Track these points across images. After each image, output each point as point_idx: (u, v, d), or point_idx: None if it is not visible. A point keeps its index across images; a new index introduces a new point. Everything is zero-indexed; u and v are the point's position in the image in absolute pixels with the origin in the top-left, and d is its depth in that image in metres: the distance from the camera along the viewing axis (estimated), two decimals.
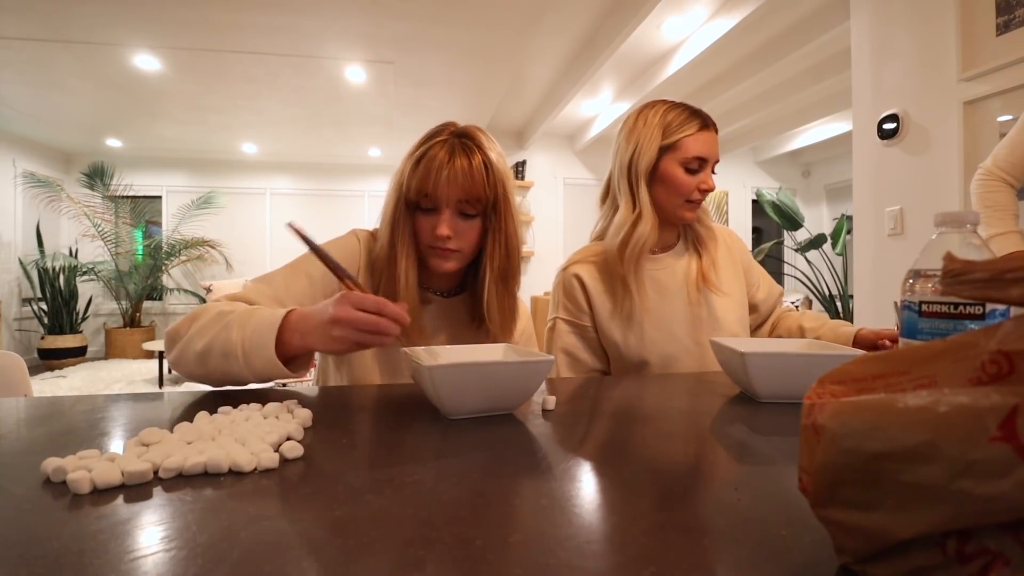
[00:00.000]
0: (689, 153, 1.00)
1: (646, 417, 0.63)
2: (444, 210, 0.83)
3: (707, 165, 1.03)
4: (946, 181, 1.89)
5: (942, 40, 1.87)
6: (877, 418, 0.23)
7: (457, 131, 0.86)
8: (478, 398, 0.59)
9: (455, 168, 0.81)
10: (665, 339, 1.05)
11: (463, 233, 0.84)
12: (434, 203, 0.83)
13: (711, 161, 1.03)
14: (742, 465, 0.47)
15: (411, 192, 0.83)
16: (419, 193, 0.83)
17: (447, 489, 0.39)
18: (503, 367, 0.60)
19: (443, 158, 0.81)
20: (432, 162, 0.81)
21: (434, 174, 0.81)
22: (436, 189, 0.81)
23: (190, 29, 3.20)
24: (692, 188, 1.01)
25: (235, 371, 0.69)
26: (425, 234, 0.85)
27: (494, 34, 3.31)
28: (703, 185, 1.01)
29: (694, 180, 1.01)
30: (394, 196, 0.86)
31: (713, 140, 1.03)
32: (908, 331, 0.51)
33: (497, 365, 0.60)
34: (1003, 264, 0.24)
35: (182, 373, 0.74)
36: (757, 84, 4.09)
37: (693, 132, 1.00)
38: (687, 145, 1.00)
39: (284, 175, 6.60)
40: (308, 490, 0.39)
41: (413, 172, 0.83)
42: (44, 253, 5.47)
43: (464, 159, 0.82)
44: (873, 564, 0.25)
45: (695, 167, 1.01)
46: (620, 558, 0.29)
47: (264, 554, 0.29)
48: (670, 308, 1.07)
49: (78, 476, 0.38)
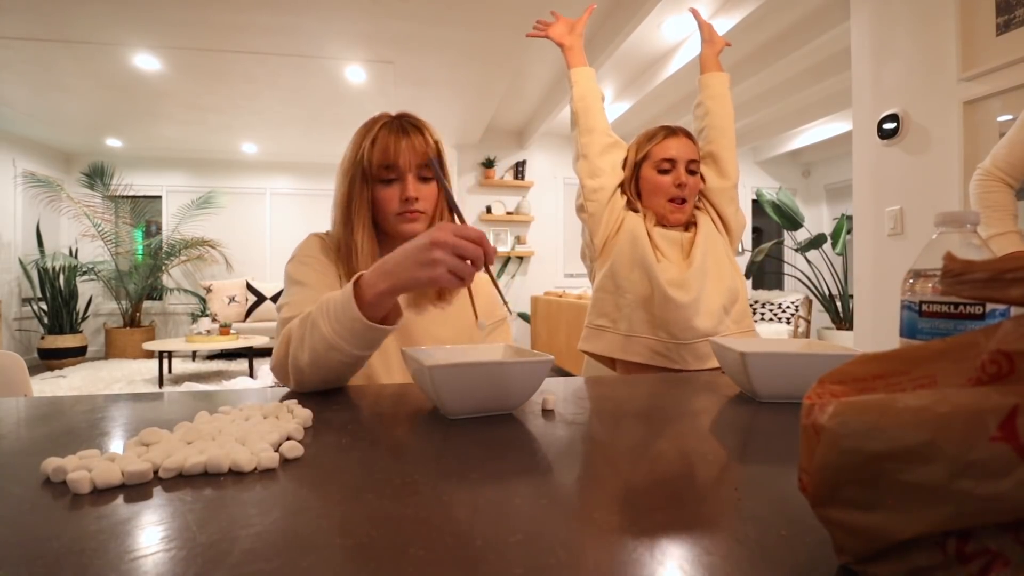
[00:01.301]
0: (657, 156, 1.23)
1: (646, 417, 0.63)
2: (407, 176, 0.93)
3: (678, 164, 1.22)
4: (946, 181, 1.89)
5: (942, 40, 1.87)
6: (877, 418, 0.23)
7: (396, 115, 0.98)
8: (478, 398, 0.59)
9: (411, 139, 0.93)
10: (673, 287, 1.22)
11: (426, 196, 0.95)
12: (397, 173, 0.93)
13: (681, 160, 1.22)
14: (742, 465, 0.47)
15: (373, 167, 0.92)
16: (380, 166, 0.92)
17: (447, 489, 0.39)
18: (504, 367, 0.60)
19: (398, 133, 0.93)
20: (388, 137, 0.93)
21: (393, 145, 0.92)
22: (398, 158, 0.92)
23: (190, 29, 3.20)
24: (669, 185, 1.22)
25: (348, 357, 0.72)
26: (392, 203, 0.94)
27: (494, 34, 3.31)
28: (678, 181, 1.21)
29: (669, 179, 1.22)
30: (348, 176, 0.95)
31: (680, 143, 1.23)
32: (908, 331, 0.51)
33: (498, 365, 0.60)
34: (1003, 264, 0.24)
35: (312, 388, 0.76)
36: (757, 84, 4.09)
37: (659, 141, 1.23)
38: (655, 153, 1.24)
39: (284, 175, 6.60)
40: (308, 490, 0.39)
41: (372, 148, 0.92)
42: (44, 253, 5.47)
43: (416, 132, 0.95)
44: (873, 564, 0.25)
45: (667, 167, 1.22)
46: (620, 558, 0.29)
47: (264, 554, 0.29)
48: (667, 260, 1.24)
49: (78, 476, 0.38)
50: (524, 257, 6.07)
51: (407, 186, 0.93)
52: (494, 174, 5.91)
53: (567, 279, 6.22)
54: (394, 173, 0.93)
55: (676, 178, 1.21)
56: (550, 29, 1.38)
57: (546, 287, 6.09)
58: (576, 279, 6.21)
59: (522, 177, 5.98)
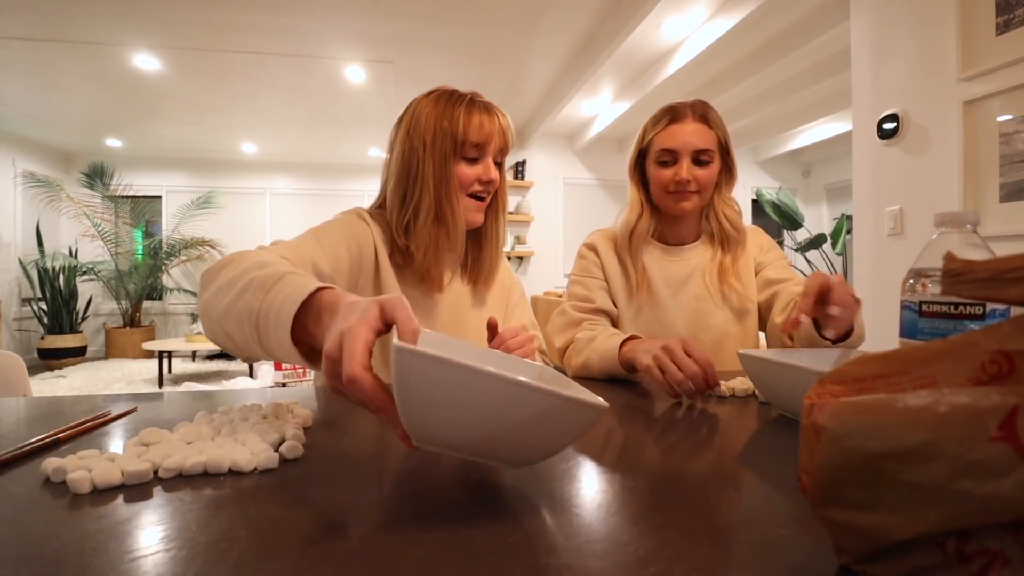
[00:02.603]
0: (656, 148, 1.07)
1: (646, 418, 0.63)
2: (488, 158, 0.90)
3: (681, 156, 1.05)
4: (946, 181, 1.88)
5: (942, 40, 1.87)
6: (877, 418, 0.23)
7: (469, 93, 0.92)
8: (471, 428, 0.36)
9: (500, 122, 0.91)
10: (657, 326, 1.10)
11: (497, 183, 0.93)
12: (481, 152, 0.90)
13: (684, 152, 1.05)
14: (742, 465, 0.47)
15: (468, 141, 0.87)
16: (472, 143, 0.88)
17: (447, 489, 0.39)
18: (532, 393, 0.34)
19: (487, 112, 0.89)
20: (482, 114, 0.88)
21: (487, 124, 0.88)
22: (489, 138, 0.89)
23: (190, 29, 3.20)
24: (667, 181, 1.07)
25: (249, 343, 0.55)
26: (469, 180, 0.89)
27: (494, 34, 3.31)
28: (677, 176, 1.05)
29: (668, 172, 1.06)
30: (436, 147, 0.87)
31: (683, 131, 1.05)
32: (908, 331, 0.51)
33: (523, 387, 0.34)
34: (1003, 264, 0.24)
35: (206, 331, 0.61)
36: (757, 84, 4.09)
37: (661, 128, 1.07)
38: (655, 142, 1.08)
39: (284, 175, 6.59)
40: (308, 490, 0.39)
41: (468, 119, 0.87)
42: (44, 253, 5.47)
43: (501, 115, 0.92)
44: (873, 564, 0.25)
45: (667, 159, 1.07)
46: (620, 558, 0.29)
47: (264, 554, 0.29)
48: (674, 298, 1.11)
49: (78, 476, 0.38)
50: (524, 257, 6.07)
51: (489, 167, 0.90)
52: None
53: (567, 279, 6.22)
54: (479, 152, 0.90)
55: (676, 173, 1.05)
56: None
57: (546, 287, 6.09)
58: None
59: (522, 177, 5.98)
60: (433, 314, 0.94)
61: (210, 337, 0.61)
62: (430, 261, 0.90)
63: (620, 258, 1.14)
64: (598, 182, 6.32)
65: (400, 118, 0.93)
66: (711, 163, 1.07)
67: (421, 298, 0.93)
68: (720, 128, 1.08)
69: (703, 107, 1.08)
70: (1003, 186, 1.71)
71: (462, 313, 0.98)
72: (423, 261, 0.90)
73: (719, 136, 1.07)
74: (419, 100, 0.91)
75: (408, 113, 0.91)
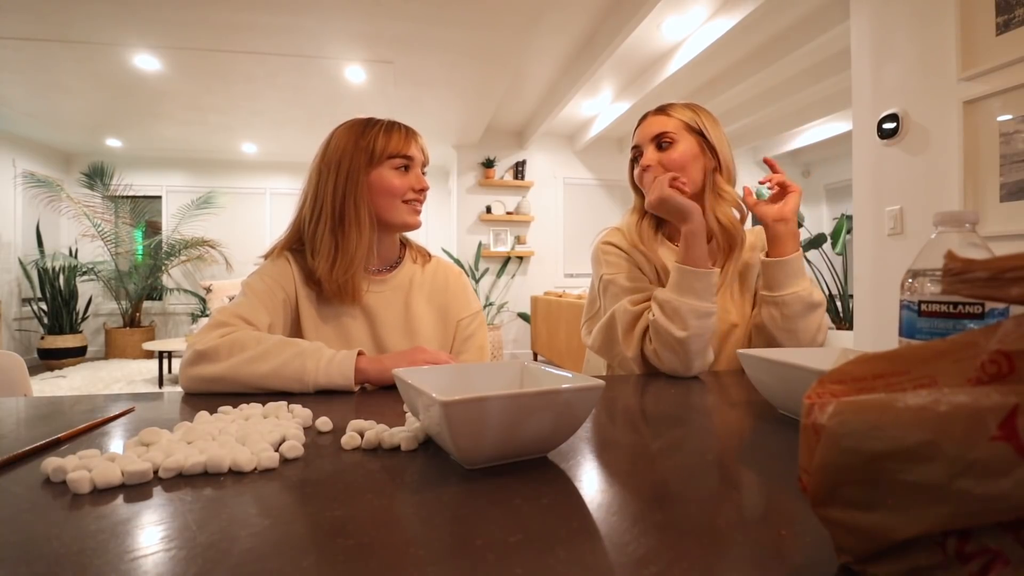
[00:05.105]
0: (632, 145, 1.12)
1: (646, 417, 0.63)
2: (417, 169, 0.98)
3: (644, 147, 1.09)
4: (946, 181, 1.88)
5: (942, 40, 1.87)
6: (877, 418, 0.23)
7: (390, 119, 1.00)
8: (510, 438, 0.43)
9: (420, 139, 1.00)
10: None
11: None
12: (408, 162, 0.97)
13: (644, 142, 1.08)
14: (743, 465, 0.47)
15: (387, 151, 0.94)
16: (395, 154, 0.95)
17: (447, 489, 0.39)
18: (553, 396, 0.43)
19: (405, 129, 0.98)
20: (401, 131, 0.97)
21: (408, 139, 0.97)
22: (413, 151, 0.97)
23: (190, 29, 3.20)
24: (639, 173, 1.09)
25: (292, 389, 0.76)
26: (402, 189, 0.96)
27: (494, 34, 3.31)
28: (644, 165, 1.07)
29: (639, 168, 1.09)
30: (341, 168, 0.93)
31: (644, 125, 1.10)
32: (908, 331, 0.51)
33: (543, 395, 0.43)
34: (1003, 263, 0.24)
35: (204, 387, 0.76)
36: (757, 84, 4.09)
37: (636, 129, 1.12)
38: (634, 141, 1.12)
39: (284, 175, 6.60)
40: (308, 490, 0.39)
41: (384, 137, 0.94)
42: (44, 253, 5.46)
43: (418, 135, 1.00)
44: (873, 564, 0.25)
45: (636, 156, 1.11)
46: (620, 558, 0.29)
47: (264, 554, 0.29)
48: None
49: (78, 476, 0.38)
50: (524, 257, 6.07)
51: (421, 179, 0.97)
52: (494, 174, 5.91)
53: (567, 279, 6.22)
54: (405, 162, 0.96)
55: (643, 163, 1.07)
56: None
57: (546, 287, 6.09)
58: (576, 279, 6.21)
59: (522, 177, 5.98)
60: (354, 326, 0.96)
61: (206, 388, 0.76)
62: (338, 272, 0.91)
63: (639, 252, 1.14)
64: (598, 182, 6.32)
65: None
66: (674, 143, 1.05)
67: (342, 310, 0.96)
68: (683, 114, 1.08)
69: (668, 105, 1.11)
70: (1003, 186, 1.71)
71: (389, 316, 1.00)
72: (329, 273, 0.91)
73: (682, 120, 1.07)
74: (334, 130, 0.98)
75: (323, 144, 0.97)
